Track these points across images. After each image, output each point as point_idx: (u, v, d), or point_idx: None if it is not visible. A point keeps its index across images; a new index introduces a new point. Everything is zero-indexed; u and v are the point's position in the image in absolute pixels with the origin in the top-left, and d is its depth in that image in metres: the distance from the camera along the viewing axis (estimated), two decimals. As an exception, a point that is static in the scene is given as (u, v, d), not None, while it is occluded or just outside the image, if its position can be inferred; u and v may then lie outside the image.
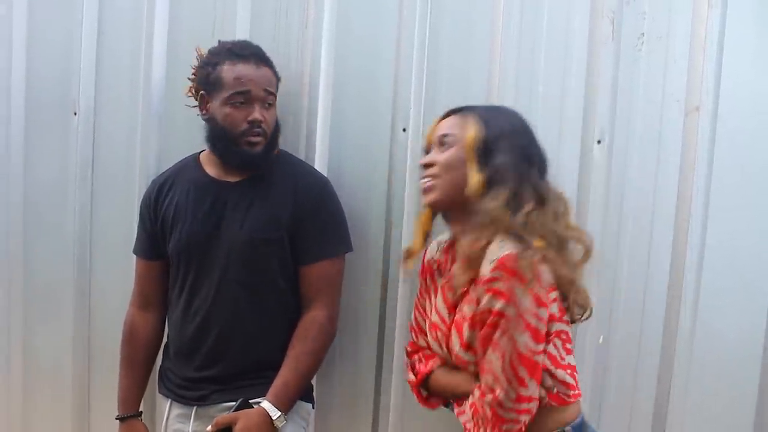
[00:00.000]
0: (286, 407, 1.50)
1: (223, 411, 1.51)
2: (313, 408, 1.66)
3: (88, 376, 2.02)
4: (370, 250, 1.72)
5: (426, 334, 1.40)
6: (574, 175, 1.58)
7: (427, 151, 1.34)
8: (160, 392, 1.69)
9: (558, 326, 1.23)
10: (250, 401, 1.48)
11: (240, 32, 1.76)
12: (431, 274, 1.42)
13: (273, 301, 1.57)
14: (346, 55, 1.72)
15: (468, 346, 1.24)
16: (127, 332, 1.68)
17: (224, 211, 1.56)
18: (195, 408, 1.59)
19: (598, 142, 1.58)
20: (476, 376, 1.24)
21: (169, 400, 1.64)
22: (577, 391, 1.27)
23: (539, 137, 1.31)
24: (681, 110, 1.53)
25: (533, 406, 1.18)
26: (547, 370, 1.21)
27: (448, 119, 1.32)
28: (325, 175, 1.66)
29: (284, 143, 1.71)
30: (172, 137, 1.85)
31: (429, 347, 1.40)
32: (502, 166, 1.22)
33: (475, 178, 1.22)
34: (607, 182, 1.57)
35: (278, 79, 1.60)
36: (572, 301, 1.26)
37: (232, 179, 1.58)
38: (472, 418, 1.22)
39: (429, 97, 1.67)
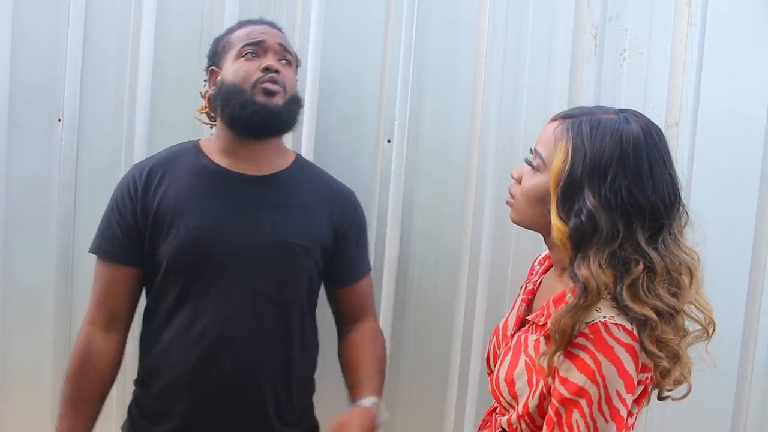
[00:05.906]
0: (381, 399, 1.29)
1: None
2: None
3: (69, 384, 1.99)
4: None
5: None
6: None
7: (532, 150, 1.04)
8: None
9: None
10: None
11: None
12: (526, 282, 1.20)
13: (298, 324, 1.30)
14: (331, 66, 1.72)
15: (514, 394, 1.01)
16: (80, 358, 1.28)
17: (247, 208, 1.27)
18: None
19: (580, 155, 1.60)
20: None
21: None
22: None
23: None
24: (661, 125, 1.54)
25: None
26: None
27: (551, 125, 1.02)
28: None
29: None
30: (159, 145, 1.81)
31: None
32: (590, 217, 0.91)
33: (556, 224, 0.95)
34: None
35: (298, 61, 1.44)
36: (663, 374, 0.96)
37: (252, 172, 1.30)
38: None
39: (414, 109, 1.68)
